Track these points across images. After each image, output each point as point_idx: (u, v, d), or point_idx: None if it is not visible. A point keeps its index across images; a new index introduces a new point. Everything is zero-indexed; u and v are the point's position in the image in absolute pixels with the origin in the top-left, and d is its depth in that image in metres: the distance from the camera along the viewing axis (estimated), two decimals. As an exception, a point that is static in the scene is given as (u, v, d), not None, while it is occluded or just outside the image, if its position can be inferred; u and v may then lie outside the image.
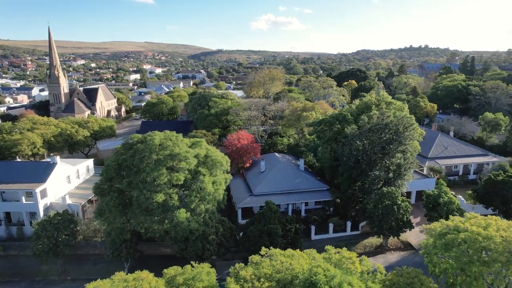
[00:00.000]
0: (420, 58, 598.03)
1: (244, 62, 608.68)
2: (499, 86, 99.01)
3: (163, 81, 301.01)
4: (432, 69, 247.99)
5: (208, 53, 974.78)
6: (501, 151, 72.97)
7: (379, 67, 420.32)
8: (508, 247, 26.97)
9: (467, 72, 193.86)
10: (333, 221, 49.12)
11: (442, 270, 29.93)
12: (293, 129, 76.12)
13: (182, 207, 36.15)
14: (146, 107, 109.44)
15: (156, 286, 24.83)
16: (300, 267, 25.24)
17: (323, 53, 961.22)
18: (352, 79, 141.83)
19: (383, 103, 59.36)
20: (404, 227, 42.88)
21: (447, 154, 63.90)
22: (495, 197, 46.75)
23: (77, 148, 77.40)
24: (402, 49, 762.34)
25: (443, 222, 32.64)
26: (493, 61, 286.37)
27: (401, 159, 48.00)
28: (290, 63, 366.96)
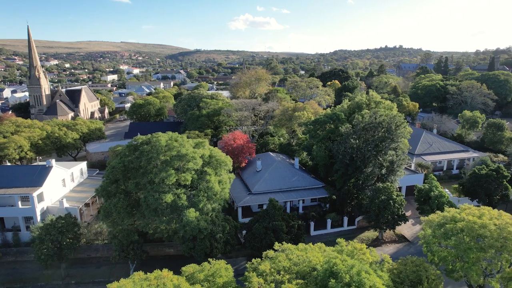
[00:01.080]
0: (395, 58, 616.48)
1: (224, 63, 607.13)
2: (474, 86, 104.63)
3: (143, 81, 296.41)
4: (409, 69, 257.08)
5: (186, 53, 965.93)
6: (479, 146, 77.58)
7: (357, 67, 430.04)
8: (502, 234, 29.44)
9: (441, 71, 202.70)
10: (331, 216, 51.00)
11: (442, 258, 32.18)
12: (284, 128, 77.69)
13: (190, 207, 36.82)
14: (132, 108, 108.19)
15: (178, 283, 25.53)
16: (317, 259, 26.67)
17: (301, 53, 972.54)
18: (335, 79, 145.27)
19: (373, 102, 61.87)
20: (399, 220, 45.24)
21: (432, 151, 67.36)
22: (480, 190, 50.05)
23: (66, 151, 75.89)
24: (378, 49, 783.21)
25: (440, 213, 35.02)
26: (464, 62, 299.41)
27: (394, 155, 50.46)
28: (271, 63, 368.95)
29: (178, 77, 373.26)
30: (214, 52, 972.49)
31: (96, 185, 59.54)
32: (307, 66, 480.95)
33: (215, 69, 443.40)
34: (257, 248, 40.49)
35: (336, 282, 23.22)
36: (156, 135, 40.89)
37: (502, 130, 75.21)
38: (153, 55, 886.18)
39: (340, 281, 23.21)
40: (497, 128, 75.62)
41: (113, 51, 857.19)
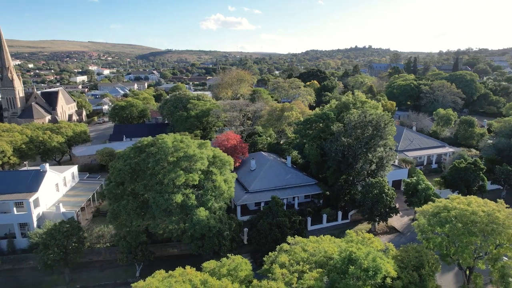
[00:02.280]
0: (365, 58, 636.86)
1: (197, 63, 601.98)
2: (444, 85, 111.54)
3: (115, 82, 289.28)
4: (380, 69, 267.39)
5: (157, 53, 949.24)
6: (453, 142, 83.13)
7: (329, 66, 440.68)
8: (490, 219, 32.80)
9: (411, 71, 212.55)
10: (326, 212, 53.48)
11: (437, 244, 35.22)
12: (272, 128, 79.64)
13: (199, 206, 37.87)
14: (114, 110, 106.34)
15: (204, 278, 26.70)
16: (332, 249, 28.72)
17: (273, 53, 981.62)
18: (314, 79, 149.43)
19: (359, 102, 65.10)
20: (391, 213, 48.40)
21: (413, 147, 71.74)
22: (460, 182, 54.31)
23: (51, 155, 73.93)
24: (348, 49, 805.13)
25: (432, 204, 38.12)
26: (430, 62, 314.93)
27: (383, 152, 53.65)
28: (246, 63, 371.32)
29: (151, 77, 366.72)
30: (186, 52, 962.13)
31: (88, 189, 59.21)
32: (280, 66, 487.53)
33: (189, 70, 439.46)
34: (262, 244, 42.18)
35: (355, 268, 25.34)
36: (161, 136, 41.51)
37: (473, 126, 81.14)
38: (123, 56, 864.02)
39: (359, 266, 25.37)
40: (468, 125, 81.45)
41: (80, 51, 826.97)
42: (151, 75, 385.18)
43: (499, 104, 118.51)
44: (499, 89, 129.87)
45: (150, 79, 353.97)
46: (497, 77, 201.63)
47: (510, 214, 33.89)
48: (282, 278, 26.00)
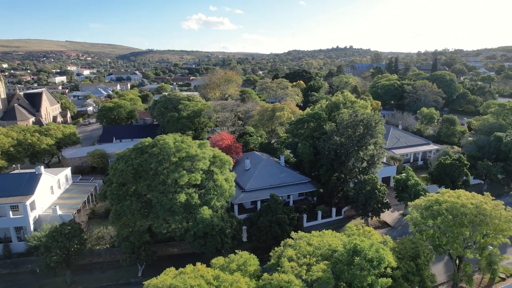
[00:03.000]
0: (346, 58, 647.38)
1: (179, 63, 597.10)
2: (426, 85, 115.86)
3: (97, 83, 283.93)
4: (363, 69, 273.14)
5: (138, 53, 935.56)
6: (436, 140, 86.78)
7: (312, 66, 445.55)
8: (479, 210, 35.14)
9: (392, 71, 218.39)
10: (321, 208, 55.20)
11: (430, 236, 37.40)
12: (263, 128, 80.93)
13: (203, 205, 38.70)
14: (102, 111, 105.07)
15: (216, 274, 27.64)
16: (336, 242, 30.23)
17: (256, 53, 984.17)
18: (300, 79, 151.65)
19: (348, 102, 67.27)
20: (383, 208, 50.56)
21: (400, 145, 74.59)
22: (446, 177, 57.18)
23: (40, 157, 72.69)
24: (330, 50, 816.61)
25: (424, 198, 40.29)
26: (411, 62, 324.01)
27: (374, 150, 55.84)
28: (230, 63, 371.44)
29: (133, 78, 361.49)
30: (168, 52, 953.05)
31: (83, 191, 58.88)
32: (263, 66, 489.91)
33: (172, 70, 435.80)
34: (262, 240, 43.37)
35: (360, 259, 26.91)
36: (162, 137, 42.05)
37: (454, 124, 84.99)
38: (103, 56, 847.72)
39: (363, 257, 26.96)
40: (450, 123, 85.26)
41: (57, 51, 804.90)
42: (133, 75, 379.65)
43: (477, 103, 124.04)
44: (476, 89, 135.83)
45: (133, 79, 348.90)
46: (473, 77, 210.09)
47: (496, 205, 36.37)
48: (292, 270, 27.28)
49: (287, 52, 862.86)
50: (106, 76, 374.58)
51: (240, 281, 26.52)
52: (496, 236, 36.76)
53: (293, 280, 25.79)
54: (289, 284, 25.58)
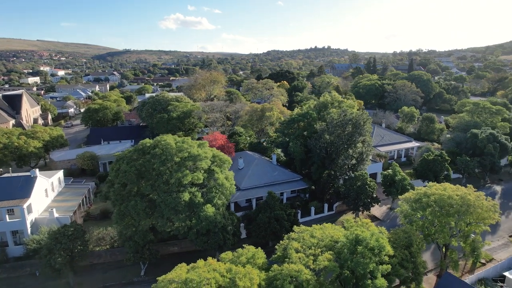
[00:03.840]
0: (325, 58, 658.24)
1: (158, 63, 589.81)
2: (405, 85, 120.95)
3: (74, 84, 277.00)
4: (342, 69, 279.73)
5: (115, 54, 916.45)
6: (416, 137, 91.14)
7: (291, 66, 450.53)
8: (464, 201, 38.18)
9: (371, 71, 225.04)
10: (314, 204, 57.46)
11: (420, 226, 40.20)
12: (252, 128, 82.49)
13: (206, 203, 39.97)
14: (87, 113, 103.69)
15: (228, 267, 29.07)
16: (338, 234, 32.33)
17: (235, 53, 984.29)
18: (283, 80, 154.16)
19: (336, 102, 69.91)
20: (373, 202, 53.32)
21: (384, 142, 78.11)
22: (429, 172, 60.78)
23: (28, 161, 71.47)
24: (309, 50, 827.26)
25: (413, 192, 43.15)
26: (388, 62, 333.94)
27: (362, 147, 58.60)
28: (211, 63, 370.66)
29: (112, 79, 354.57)
30: (145, 52, 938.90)
31: (76, 193, 58.69)
32: (243, 66, 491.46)
33: (151, 70, 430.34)
34: (262, 236, 45.04)
35: (362, 248, 29.08)
36: (162, 138, 42.95)
37: (434, 122, 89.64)
38: (78, 56, 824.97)
39: (365, 246, 29.15)
40: (429, 121, 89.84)
41: (28, 50, 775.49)
42: (112, 76, 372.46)
43: (452, 102, 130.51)
44: (450, 88, 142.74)
45: (111, 80, 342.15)
46: (447, 76, 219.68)
47: (478, 196, 39.61)
48: (299, 261, 29.11)
49: (266, 52, 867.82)
50: (83, 77, 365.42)
51: (252, 272, 28.08)
52: (478, 224, 40.05)
53: (303, 269, 27.62)
54: (299, 273, 27.37)
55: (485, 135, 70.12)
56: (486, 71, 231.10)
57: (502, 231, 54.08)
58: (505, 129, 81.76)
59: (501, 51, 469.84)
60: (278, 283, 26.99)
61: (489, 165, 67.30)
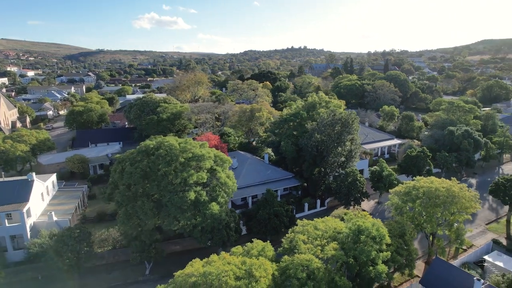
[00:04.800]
0: (301, 58, 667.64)
1: (134, 64, 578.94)
2: (384, 85, 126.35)
3: (46, 86, 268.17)
4: (320, 69, 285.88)
5: (88, 54, 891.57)
6: (397, 135, 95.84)
7: (269, 67, 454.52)
8: (449, 193, 41.69)
9: (348, 71, 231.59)
10: (307, 201, 60.04)
11: (410, 217, 43.44)
12: (242, 128, 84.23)
13: (211, 202, 41.50)
14: (70, 115, 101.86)
15: (242, 260, 30.84)
16: (340, 226, 34.83)
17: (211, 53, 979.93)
18: (266, 80, 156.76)
19: (323, 102, 72.90)
20: (363, 197, 56.48)
21: (368, 140, 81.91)
22: (413, 168, 64.79)
23: (14, 165, 70.01)
24: (285, 50, 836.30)
25: (402, 185, 46.37)
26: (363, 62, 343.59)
27: (351, 145, 61.70)
28: (189, 64, 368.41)
29: (87, 80, 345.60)
30: (120, 52, 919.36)
31: (71, 196, 58.60)
32: (221, 66, 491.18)
33: (127, 71, 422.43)
34: (263, 232, 47.02)
35: (365, 237, 31.68)
36: (165, 139, 44.07)
37: (413, 120, 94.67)
38: (48, 56, 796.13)
39: (367, 235, 31.77)
40: (409, 119, 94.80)
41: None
42: (87, 77, 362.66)
43: (427, 100, 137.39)
44: (425, 88, 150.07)
45: (87, 81, 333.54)
46: (420, 76, 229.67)
47: (461, 188, 43.30)
48: (308, 251, 31.32)
49: (243, 52, 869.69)
50: (56, 78, 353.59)
51: (265, 263, 30.03)
52: (461, 213, 43.76)
53: (313, 258, 29.84)
54: (309, 262, 29.57)
55: (460, 132, 75.20)
56: (455, 71, 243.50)
57: (479, 219, 58.67)
58: (477, 126, 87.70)
59: (468, 52, 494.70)
60: (291, 271, 29.05)
61: (465, 160, 72.31)
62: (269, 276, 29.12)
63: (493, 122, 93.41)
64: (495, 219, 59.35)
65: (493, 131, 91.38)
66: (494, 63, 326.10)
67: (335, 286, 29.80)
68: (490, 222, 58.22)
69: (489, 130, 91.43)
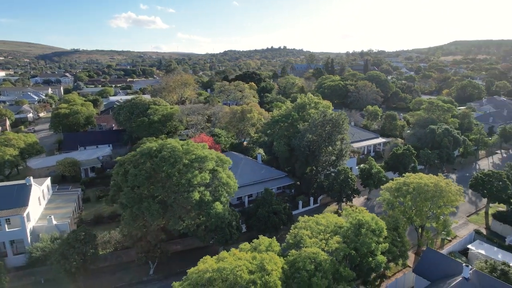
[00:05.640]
0: (281, 58, 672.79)
1: (112, 64, 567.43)
2: (367, 85, 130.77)
3: (20, 87, 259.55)
4: (301, 69, 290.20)
5: (62, 53, 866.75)
6: (380, 134, 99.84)
7: (250, 67, 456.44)
8: (437, 187, 44.85)
9: (329, 71, 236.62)
10: (301, 198, 62.28)
11: (401, 212, 46.38)
12: (233, 129, 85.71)
13: (214, 201, 42.93)
14: (56, 118, 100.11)
15: (252, 255, 32.52)
16: (340, 221, 37.10)
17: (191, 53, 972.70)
18: (250, 81, 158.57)
19: (313, 103, 75.43)
20: (354, 194, 59.24)
21: (355, 139, 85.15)
22: (399, 165, 68.26)
23: (3, 169, 68.72)
24: (265, 50, 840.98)
25: (393, 182, 49.33)
26: (342, 62, 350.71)
27: (341, 145, 64.43)
28: (170, 65, 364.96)
29: (64, 81, 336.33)
30: (96, 52, 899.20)
31: (67, 199, 58.49)
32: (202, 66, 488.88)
33: (106, 72, 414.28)
34: (263, 229, 48.77)
35: (365, 230, 34.05)
36: (167, 142, 45.06)
37: (395, 120, 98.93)
38: (19, 55, 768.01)
39: (368, 228, 34.15)
40: (392, 119, 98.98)
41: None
42: (64, 78, 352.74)
43: (407, 100, 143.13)
44: (405, 88, 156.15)
45: (64, 82, 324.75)
46: (398, 76, 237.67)
47: (447, 183, 46.63)
48: (314, 245, 33.36)
49: (223, 52, 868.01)
50: (31, 78, 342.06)
51: (274, 257, 31.85)
52: (447, 206, 47.09)
53: (319, 251, 31.90)
54: (316, 254, 31.60)
55: (441, 130, 79.62)
56: (431, 71, 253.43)
57: (461, 212, 62.67)
58: (455, 124, 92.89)
59: (441, 52, 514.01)
60: (300, 264, 30.99)
61: (445, 157, 76.68)
62: (279, 269, 30.94)
63: (469, 121, 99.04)
64: (475, 212, 63.57)
65: (469, 129, 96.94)
66: (466, 63, 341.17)
67: (340, 277, 31.97)
68: (470, 214, 62.32)
69: (466, 128, 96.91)
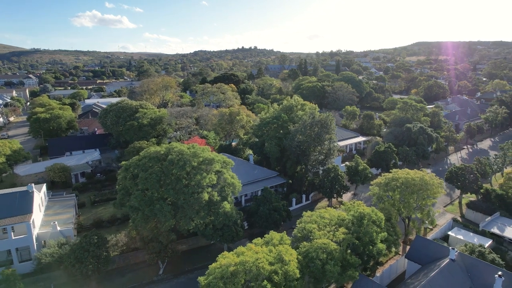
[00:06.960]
0: (252, 58, 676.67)
1: (80, 65, 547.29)
2: (343, 86, 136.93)
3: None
4: (275, 70, 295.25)
5: (22, 53, 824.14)
6: (360, 132, 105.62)
7: (222, 67, 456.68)
8: (422, 181, 49.72)
9: (303, 72, 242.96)
10: (294, 196, 65.75)
11: (391, 204, 50.88)
12: (222, 131, 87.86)
13: (222, 201, 45.31)
14: (35, 123, 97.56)
15: (269, 248, 35.33)
16: (342, 214, 40.78)
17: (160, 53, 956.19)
18: (229, 83, 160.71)
19: (299, 104, 79.21)
20: (344, 190, 63.48)
21: (338, 138, 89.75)
22: (382, 161, 73.49)
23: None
24: (236, 50, 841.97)
25: (382, 177, 53.88)
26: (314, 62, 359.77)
27: (329, 144, 68.54)
28: (142, 66, 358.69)
29: (28, 82, 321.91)
30: (60, 52, 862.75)
31: (65, 205, 58.63)
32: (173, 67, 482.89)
33: (73, 73, 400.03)
34: (265, 226, 51.67)
35: (367, 221, 37.88)
36: (173, 145, 46.87)
37: (373, 119, 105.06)
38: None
39: (369, 219, 38.00)
40: (369, 118, 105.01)
41: None
42: (27, 79, 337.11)
43: (380, 99, 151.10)
44: (377, 88, 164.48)
45: (28, 84, 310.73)
46: (369, 76, 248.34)
47: (431, 177, 51.75)
48: (323, 236, 36.72)
49: (194, 53, 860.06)
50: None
51: (289, 249, 34.91)
52: (430, 198, 52.21)
53: (329, 242, 35.30)
54: (326, 245, 34.97)
55: (416, 128, 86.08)
56: (399, 71, 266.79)
57: (438, 203, 68.43)
58: (427, 122, 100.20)
59: (406, 53, 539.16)
60: (313, 254, 34.24)
61: (421, 153, 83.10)
62: (295, 259, 34.01)
63: (438, 119, 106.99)
64: (450, 202, 69.88)
65: (438, 126, 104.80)
66: (429, 63, 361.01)
67: (347, 264, 35.57)
68: (447, 205, 68.52)
69: (436, 125, 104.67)
